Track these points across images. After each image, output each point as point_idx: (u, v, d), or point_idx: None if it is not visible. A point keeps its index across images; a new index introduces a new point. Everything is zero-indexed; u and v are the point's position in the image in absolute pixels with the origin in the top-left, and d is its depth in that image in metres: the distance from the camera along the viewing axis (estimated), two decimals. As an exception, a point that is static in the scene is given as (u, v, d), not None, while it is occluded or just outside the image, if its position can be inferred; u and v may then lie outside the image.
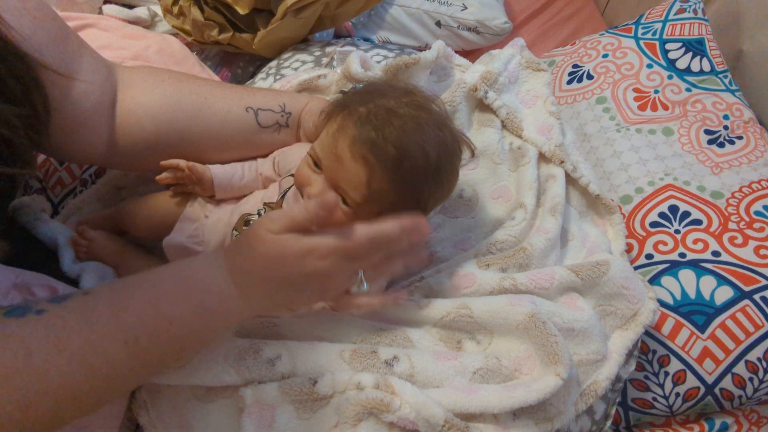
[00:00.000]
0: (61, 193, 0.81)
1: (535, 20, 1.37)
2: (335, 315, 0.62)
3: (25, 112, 0.51)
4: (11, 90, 0.50)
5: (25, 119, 0.51)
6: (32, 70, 0.52)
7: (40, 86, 0.53)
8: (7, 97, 0.50)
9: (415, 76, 0.76)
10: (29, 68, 0.52)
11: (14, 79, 0.50)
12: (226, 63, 1.15)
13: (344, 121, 0.55)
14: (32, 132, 0.53)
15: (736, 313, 0.73)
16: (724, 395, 0.74)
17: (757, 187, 0.84)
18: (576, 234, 0.72)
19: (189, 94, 0.67)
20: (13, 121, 0.49)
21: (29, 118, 0.52)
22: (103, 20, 1.08)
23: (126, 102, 0.64)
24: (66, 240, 0.65)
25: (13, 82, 0.50)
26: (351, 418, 0.52)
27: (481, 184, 0.75)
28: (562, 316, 0.60)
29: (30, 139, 0.52)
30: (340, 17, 1.06)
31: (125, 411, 0.60)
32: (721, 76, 0.98)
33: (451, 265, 0.67)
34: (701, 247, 0.79)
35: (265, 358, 0.56)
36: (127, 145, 0.65)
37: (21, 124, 0.50)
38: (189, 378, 0.56)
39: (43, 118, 0.54)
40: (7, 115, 0.48)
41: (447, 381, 0.56)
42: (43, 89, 0.54)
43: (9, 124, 0.48)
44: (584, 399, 0.59)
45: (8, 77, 0.50)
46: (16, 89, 0.50)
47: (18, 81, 0.51)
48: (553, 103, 0.77)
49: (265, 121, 0.70)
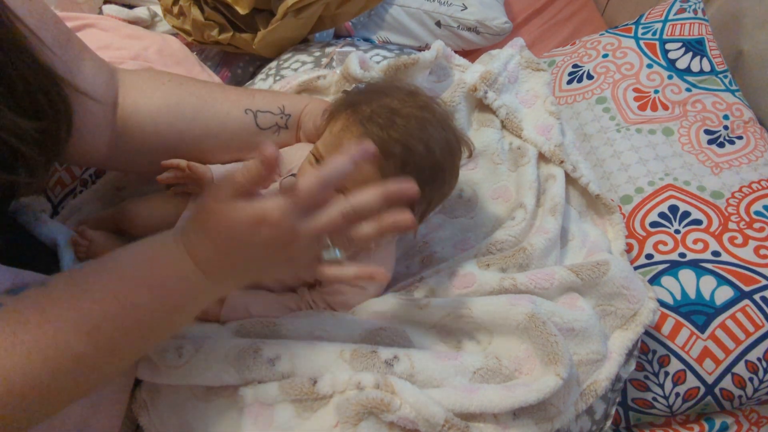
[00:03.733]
0: (61, 193, 0.81)
1: (535, 20, 1.37)
2: (335, 315, 0.62)
3: (45, 126, 0.50)
4: (39, 104, 0.49)
5: (44, 133, 0.50)
6: (60, 87, 0.51)
7: (66, 103, 0.53)
8: (33, 112, 0.49)
9: (414, 77, 0.76)
10: (58, 86, 0.51)
11: (42, 94, 0.49)
12: (226, 63, 1.15)
13: (348, 120, 0.56)
14: (50, 146, 0.52)
15: (736, 313, 0.73)
16: (724, 395, 0.74)
17: (757, 187, 0.84)
18: (576, 234, 0.72)
19: (189, 96, 0.67)
20: (30, 135, 0.48)
21: (49, 132, 0.51)
22: (103, 20, 1.08)
23: (127, 104, 0.64)
24: (66, 240, 0.65)
25: (42, 96, 0.49)
26: (351, 418, 0.52)
27: (481, 184, 0.75)
28: (562, 316, 0.60)
29: (45, 152, 0.51)
30: (341, 17, 1.06)
31: (125, 411, 0.60)
32: (721, 76, 0.98)
33: (451, 265, 0.67)
34: (701, 247, 0.79)
35: (265, 358, 0.56)
36: (128, 147, 0.65)
37: (38, 138, 0.49)
38: (189, 378, 0.56)
39: (63, 134, 0.53)
40: (25, 129, 0.47)
41: (447, 381, 0.56)
42: (69, 106, 0.53)
43: (24, 137, 0.47)
44: (584, 399, 0.59)
45: (38, 92, 0.49)
46: (43, 104, 0.50)
47: (46, 96, 0.50)
48: (552, 102, 0.77)
49: (264, 123, 0.70)
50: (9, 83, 0.46)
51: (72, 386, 0.44)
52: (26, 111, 0.48)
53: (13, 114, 0.46)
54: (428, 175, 0.56)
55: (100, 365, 0.45)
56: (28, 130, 0.47)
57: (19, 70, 0.47)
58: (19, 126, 0.46)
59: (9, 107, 0.46)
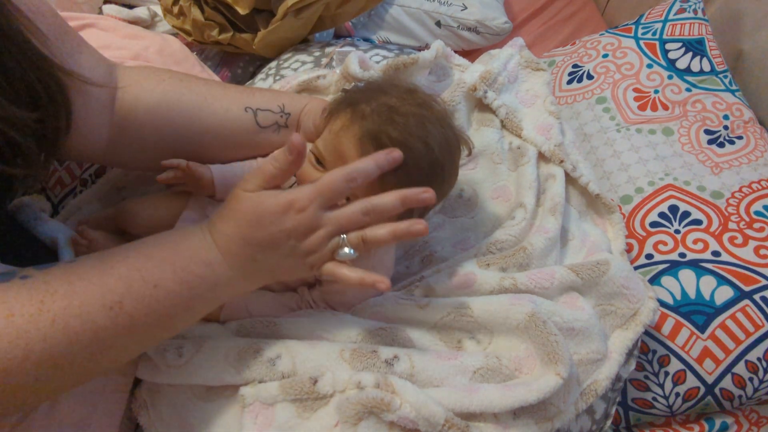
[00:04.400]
0: (61, 193, 0.81)
1: (535, 20, 1.37)
2: (335, 315, 0.62)
3: (42, 117, 0.50)
4: (37, 94, 0.50)
5: (42, 123, 0.50)
6: (58, 77, 0.52)
7: (64, 93, 0.53)
8: (30, 102, 0.49)
9: (413, 76, 0.76)
10: (57, 77, 0.52)
11: (40, 83, 0.50)
12: (226, 63, 1.15)
13: (348, 118, 0.56)
14: (48, 137, 0.52)
15: (736, 313, 0.73)
16: (724, 395, 0.74)
17: (757, 187, 0.84)
18: (576, 233, 0.72)
19: (188, 94, 0.67)
20: (28, 126, 0.48)
21: (47, 123, 0.51)
22: (103, 20, 1.08)
23: (126, 99, 0.64)
24: (66, 240, 0.65)
25: (40, 86, 0.50)
26: (351, 417, 0.52)
27: (481, 183, 0.75)
28: (562, 315, 0.60)
29: (43, 144, 0.52)
30: (341, 17, 1.06)
31: (125, 410, 0.60)
32: (721, 76, 0.98)
33: (451, 264, 0.67)
34: (701, 247, 0.79)
35: (265, 358, 0.56)
36: (127, 143, 0.65)
37: (36, 129, 0.50)
38: (189, 377, 0.56)
39: (62, 126, 0.54)
40: (22, 120, 0.47)
41: (447, 380, 0.56)
42: (67, 97, 0.53)
43: (21, 128, 0.48)
44: (584, 398, 0.59)
45: (35, 82, 0.49)
46: (41, 94, 0.50)
47: (45, 90, 0.50)
48: (552, 102, 0.77)
49: (264, 121, 0.70)
50: (5, 72, 0.46)
51: (84, 361, 0.45)
52: (23, 101, 0.48)
53: (9, 104, 0.46)
54: (427, 173, 0.56)
55: (116, 343, 0.47)
56: (25, 120, 0.47)
57: (16, 59, 0.47)
58: (15, 116, 0.46)
59: (5, 97, 0.46)
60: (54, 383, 0.44)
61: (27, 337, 0.41)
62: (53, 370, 0.43)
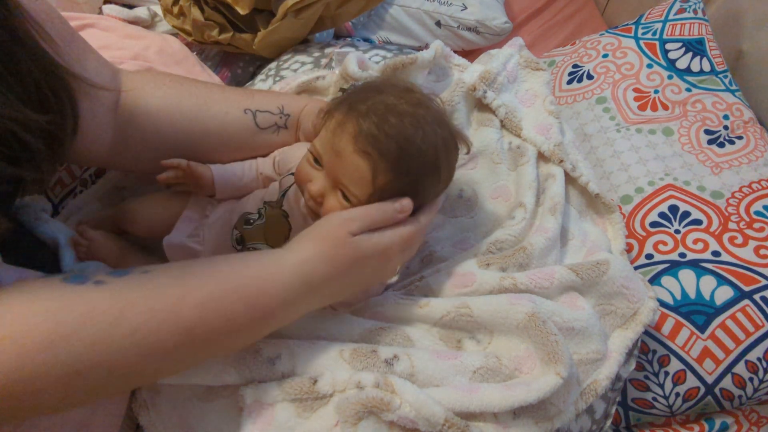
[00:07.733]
0: (61, 193, 0.81)
1: (535, 20, 1.37)
2: (335, 314, 0.62)
3: (52, 120, 0.50)
4: (46, 97, 0.50)
5: (52, 126, 0.51)
6: (66, 81, 0.52)
7: (72, 97, 0.53)
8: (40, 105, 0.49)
9: (412, 76, 0.76)
10: (65, 81, 0.52)
11: (52, 89, 0.50)
12: (226, 63, 1.15)
13: (344, 117, 0.56)
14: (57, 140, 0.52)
15: (736, 313, 0.73)
16: (724, 395, 0.74)
17: (757, 187, 0.84)
18: (576, 233, 0.72)
19: (189, 97, 0.68)
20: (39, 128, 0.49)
21: (56, 126, 0.51)
22: (103, 20, 1.08)
23: (128, 104, 0.65)
24: (66, 240, 0.65)
25: (51, 92, 0.50)
26: (351, 417, 0.52)
27: (481, 183, 0.75)
28: (562, 315, 0.60)
29: (51, 147, 0.52)
30: (341, 17, 1.06)
31: (125, 410, 0.60)
32: (721, 76, 0.98)
33: (451, 264, 0.67)
34: (701, 247, 0.79)
35: (265, 358, 0.56)
36: (129, 146, 0.66)
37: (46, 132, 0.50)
38: (189, 377, 0.56)
39: (69, 129, 0.54)
40: (35, 122, 0.47)
41: (447, 380, 0.56)
42: (75, 100, 0.54)
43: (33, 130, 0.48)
44: (584, 398, 0.59)
45: (44, 85, 0.49)
46: (50, 97, 0.50)
47: (53, 93, 0.51)
48: (552, 102, 0.77)
49: (263, 122, 0.71)
50: (19, 76, 0.47)
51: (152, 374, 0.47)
52: (34, 104, 0.48)
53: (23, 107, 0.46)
54: (423, 171, 0.56)
55: (179, 363, 0.49)
56: (38, 122, 0.47)
57: (29, 63, 0.48)
58: (29, 118, 0.46)
59: (20, 100, 0.46)
60: (111, 388, 0.45)
61: (104, 344, 0.41)
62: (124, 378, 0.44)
